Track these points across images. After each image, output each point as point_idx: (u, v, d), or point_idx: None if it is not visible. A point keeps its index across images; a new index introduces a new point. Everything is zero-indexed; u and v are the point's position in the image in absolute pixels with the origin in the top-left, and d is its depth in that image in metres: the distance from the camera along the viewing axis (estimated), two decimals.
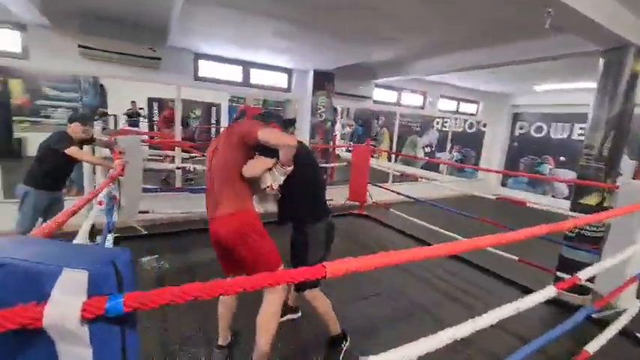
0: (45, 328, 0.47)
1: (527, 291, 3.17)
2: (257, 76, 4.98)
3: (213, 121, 11.70)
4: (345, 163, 6.16)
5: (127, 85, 7.71)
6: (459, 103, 7.41)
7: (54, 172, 2.90)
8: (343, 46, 4.01)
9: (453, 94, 7.20)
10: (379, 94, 6.26)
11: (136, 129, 5.66)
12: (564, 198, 6.79)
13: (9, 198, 3.65)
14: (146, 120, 10.02)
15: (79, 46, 3.59)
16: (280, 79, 5.22)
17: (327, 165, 5.62)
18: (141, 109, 9.92)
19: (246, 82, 4.89)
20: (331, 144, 6.86)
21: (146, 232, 4.00)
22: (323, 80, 5.19)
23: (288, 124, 1.96)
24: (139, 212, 3.83)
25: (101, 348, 0.52)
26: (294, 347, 2.27)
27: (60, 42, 3.60)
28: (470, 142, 9.02)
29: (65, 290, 0.49)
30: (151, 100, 10.88)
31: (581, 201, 2.91)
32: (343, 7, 2.79)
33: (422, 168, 10.05)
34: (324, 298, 2.05)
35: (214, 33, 3.63)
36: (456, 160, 9.30)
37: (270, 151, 1.69)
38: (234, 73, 4.81)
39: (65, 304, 0.47)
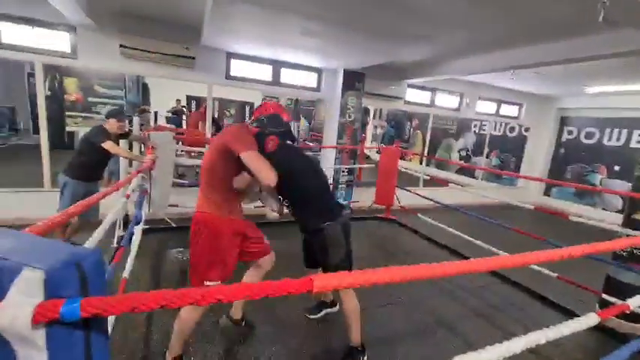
0: None
1: (565, 311, 2.89)
2: (287, 76, 5.00)
3: (246, 119, 11.98)
4: (373, 165, 6.00)
5: (168, 83, 8.07)
6: (499, 105, 6.97)
7: (91, 164, 3.08)
8: (373, 45, 3.90)
9: (492, 96, 6.78)
10: (412, 95, 6.04)
11: (170, 126, 5.93)
12: (617, 211, 6.15)
13: (56, 187, 3.95)
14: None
15: (120, 45, 3.79)
16: (310, 79, 5.20)
17: (354, 166, 5.51)
18: (183, 106, 10.43)
19: (276, 82, 4.92)
20: (360, 145, 6.75)
21: (175, 225, 4.14)
22: (353, 80, 5.09)
23: (286, 136, 1.93)
24: (169, 205, 3.98)
25: (58, 353, 0.49)
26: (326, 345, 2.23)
27: (103, 42, 3.82)
28: (510, 147, 8.46)
29: (22, 290, 0.47)
30: (189, 98, 11.39)
31: (636, 216, 2.59)
32: (373, 3, 2.68)
33: (456, 172, 9.61)
34: (354, 297, 1.99)
35: (244, 31, 3.67)
36: (494, 166, 8.77)
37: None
38: (265, 72, 4.86)
39: (18, 305, 0.45)
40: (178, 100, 10.03)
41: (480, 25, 3.13)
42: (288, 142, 1.95)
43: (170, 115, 9.70)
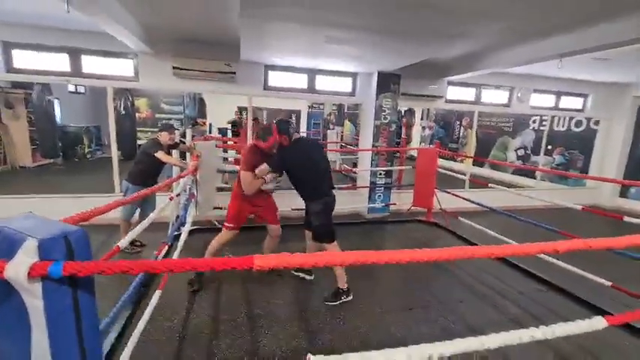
0: (7, 279, 0.64)
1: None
2: (322, 82, 5.16)
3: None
4: (410, 167, 5.84)
5: (222, 96, 8.76)
6: (558, 98, 6.33)
7: (147, 171, 3.54)
8: (404, 46, 3.86)
9: (550, 87, 6.19)
10: (454, 93, 5.79)
11: (217, 135, 6.49)
12: None
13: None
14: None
15: (173, 67, 4.30)
16: (345, 84, 5.30)
17: (390, 168, 5.43)
18: (240, 117, 11.24)
19: (311, 89, 5.12)
20: (400, 146, 6.62)
21: (220, 227, 4.51)
22: (388, 82, 5.07)
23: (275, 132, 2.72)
24: (215, 208, 4.36)
25: (51, 302, 0.67)
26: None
27: (159, 65, 4.37)
28: (577, 143, 7.58)
29: (25, 253, 0.66)
30: (241, 109, 12.22)
31: None
32: (396, 6, 2.66)
33: (514, 173, 8.87)
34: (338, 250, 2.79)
35: (274, 45, 3.90)
36: (557, 165, 7.93)
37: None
38: (301, 81, 5.08)
39: (19, 264, 0.64)
40: (236, 112, 10.82)
41: (522, 12, 2.90)
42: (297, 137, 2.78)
43: (230, 126, 10.49)
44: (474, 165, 9.43)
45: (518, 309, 2.84)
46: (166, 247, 3.01)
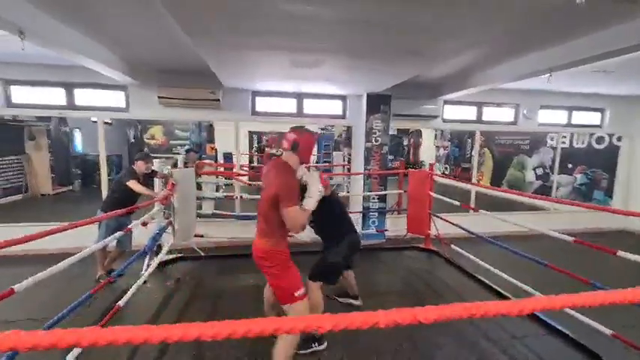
0: None
1: None
2: (311, 106, 5.09)
3: None
4: (402, 191, 5.52)
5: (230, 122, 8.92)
6: (570, 113, 5.87)
7: (120, 200, 3.51)
8: (383, 67, 3.71)
9: (560, 103, 5.76)
10: (452, 112, 5.52)
11: (209, 161, 6.51)
12: None
13: None
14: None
15: (158, 97, 4.41)
16: (335, 106, 5.20)
17: (382, 192, 5.15)
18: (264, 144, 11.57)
19: (299, 113, 5.05)
20: (399, 168, 6.32)
21: (203, 254, 4.42)
22: (378, 103, 4.91)
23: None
24: (195, 236, 4.29)
25: None
26: None
27: (146, 95, 4.50)
28: (599, 161, 6.95)
29: None
30: (251, 134, 12.48)
31: None
32: (358, 28, 2.50)
33: (534, 193, 8.24)
34: (319, 295, 2.46)
35: (238, 72, 3.80)
36: (581, 184, 7.28)
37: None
38: (289, 105, 5.04)
39: None
40: (272, 136, 11.21)
41: (503, 31, 2.60)
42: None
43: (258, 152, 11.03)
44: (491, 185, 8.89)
45: (510, 358, 2.44)
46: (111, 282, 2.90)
